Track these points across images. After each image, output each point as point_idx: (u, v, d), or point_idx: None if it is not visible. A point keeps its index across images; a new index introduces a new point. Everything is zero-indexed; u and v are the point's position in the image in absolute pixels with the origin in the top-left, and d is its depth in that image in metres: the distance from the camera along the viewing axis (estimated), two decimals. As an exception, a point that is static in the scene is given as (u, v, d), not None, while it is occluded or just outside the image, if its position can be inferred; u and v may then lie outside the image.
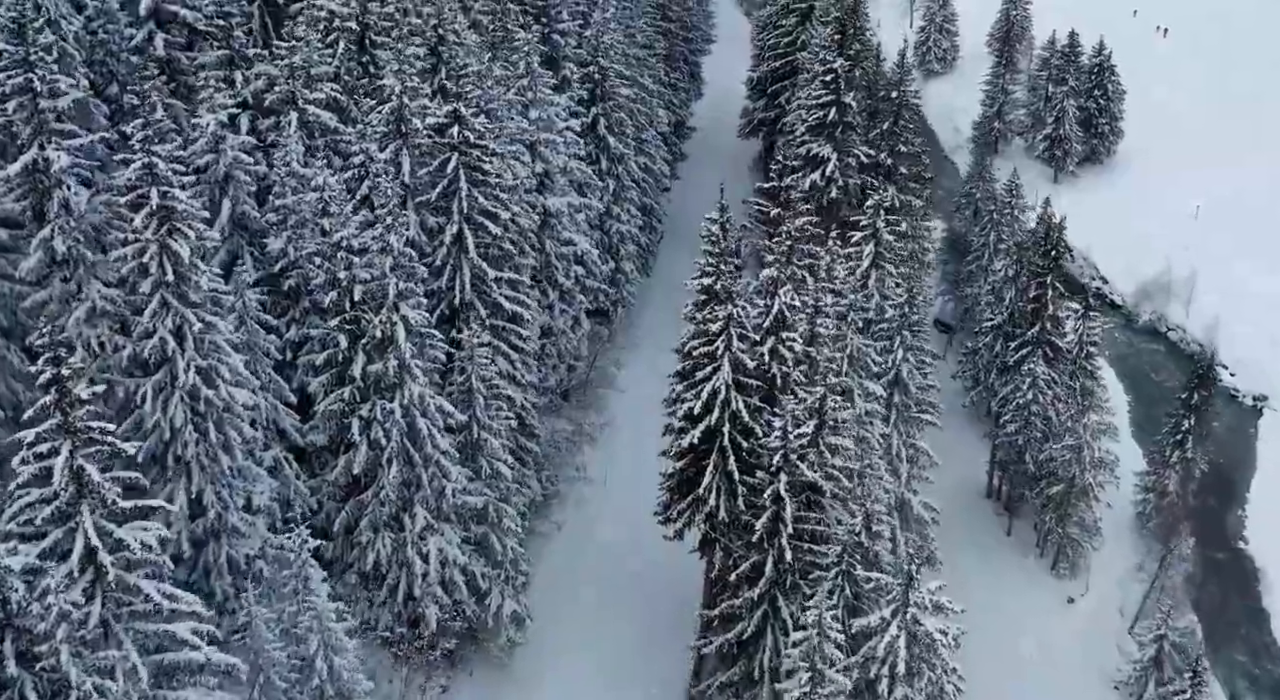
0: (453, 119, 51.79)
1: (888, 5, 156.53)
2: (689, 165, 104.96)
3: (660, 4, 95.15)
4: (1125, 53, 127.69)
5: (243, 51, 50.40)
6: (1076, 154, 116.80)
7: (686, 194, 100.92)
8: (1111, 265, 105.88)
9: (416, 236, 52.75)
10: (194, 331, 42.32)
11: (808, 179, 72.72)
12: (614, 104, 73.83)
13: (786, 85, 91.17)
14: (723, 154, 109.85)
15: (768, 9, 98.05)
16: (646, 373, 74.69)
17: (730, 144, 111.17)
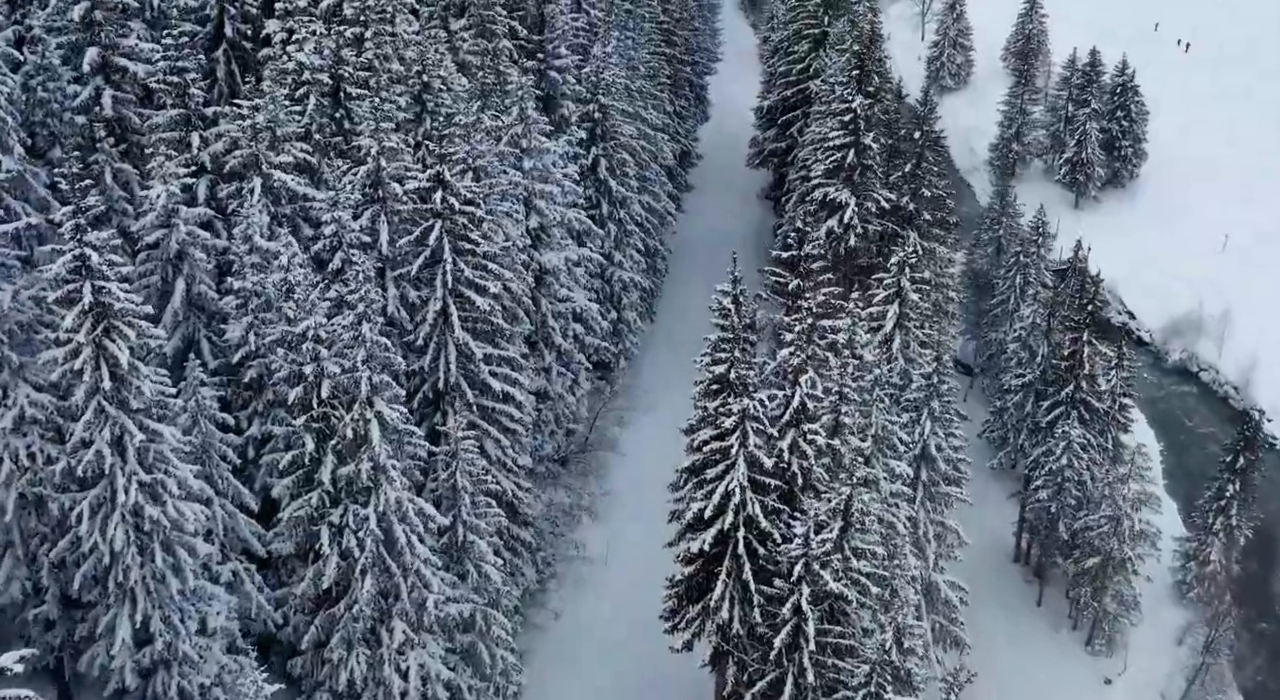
0: (436, 183, 46.18)
1: (898, 18, 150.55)
2: (695, 196, 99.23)
3: (665, 29, 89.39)
4: (1147, 68, 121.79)
5: (200, 110, 44.76)
6: (1099, 178, 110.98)
7: (692, 227, 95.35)
8: (1138, 299, 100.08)
9: (396, 312, 47.20)
10: (136, 443, 36.83)
11: (824, 226, 67.13)
12: (615, 144, 68.23)
13: (798, 115, 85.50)
14: (730, 182, 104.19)
15: (778, 33, 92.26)
16: (652, 431, 69.12)
17: (738, 169, 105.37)
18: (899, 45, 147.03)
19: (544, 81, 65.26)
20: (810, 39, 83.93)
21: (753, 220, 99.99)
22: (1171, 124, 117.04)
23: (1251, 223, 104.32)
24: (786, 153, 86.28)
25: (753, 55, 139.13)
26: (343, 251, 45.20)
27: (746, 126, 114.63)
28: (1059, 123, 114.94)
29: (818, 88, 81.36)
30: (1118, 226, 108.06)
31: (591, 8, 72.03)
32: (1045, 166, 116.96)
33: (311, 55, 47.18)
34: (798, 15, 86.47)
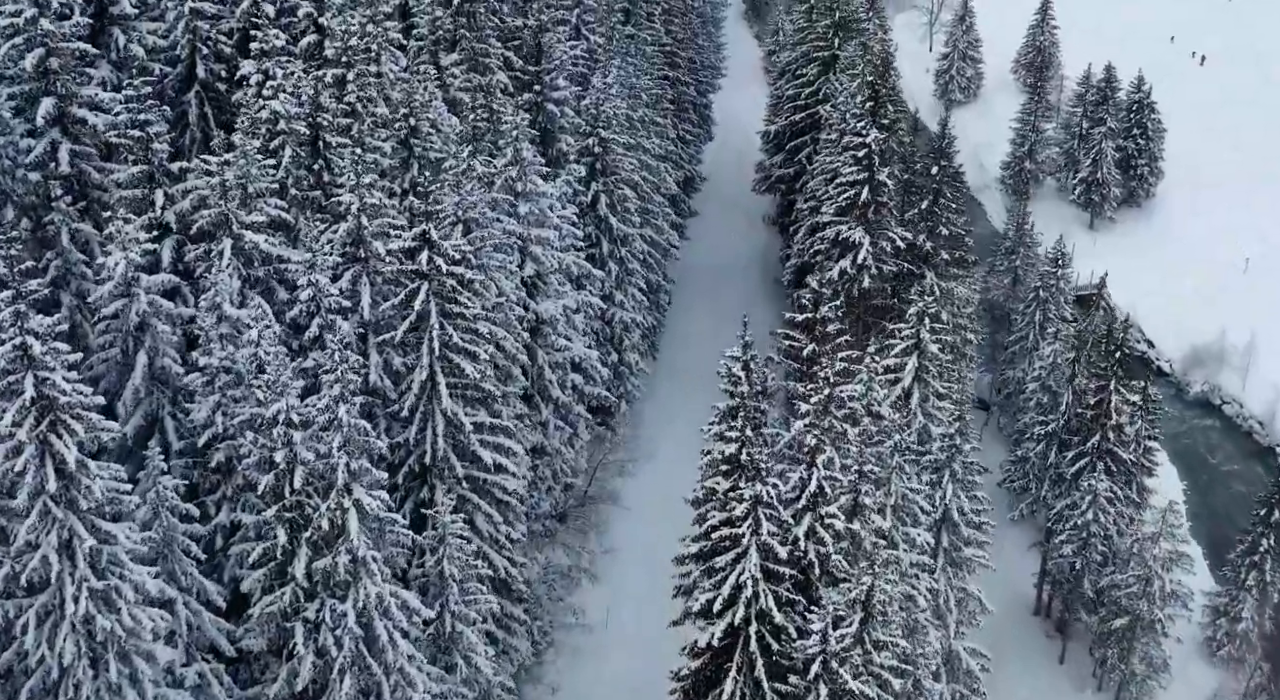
0: (422, 242, 42.38)
1: (904, 28, 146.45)
2: (699, 221, 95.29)
3: (668, 51, 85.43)
4: (1162, 82, 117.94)
5: (164, 165, 40.96)
6: (1114, 197, 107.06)
7: (696, 253, 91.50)
8: (1158, 326, 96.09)
9: (379, 381, 43.44)
10: (86, 548, 33.11)
11: (836, 267, 63.39)
12: (617, 179, 64.39)
13: (807, 140, 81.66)
14: (736, 203, 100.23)
15: (785, 54, 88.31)
16: (655, 481, 65.44)
17: (743, 190, 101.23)
18: (906, 55, 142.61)
19: (541, 115, 61.43)
20: (819, 62, 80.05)
21: (759, 245, 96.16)
22: (1188, 139, 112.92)
23: (1274, 243, 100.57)
24: (794, 179, 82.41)
25: (757, 67, 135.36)
26: (320, 317, 41.49)
27: (751, 143, 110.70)
28: (1073, 140, 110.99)
29: (827, 113, 77.56)
30: (1135, 248, 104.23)
31: (592, 33, 68.21)
32: (1059, 185, 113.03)
33: (287, 103, 43.33)
34: (806, 37, 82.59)
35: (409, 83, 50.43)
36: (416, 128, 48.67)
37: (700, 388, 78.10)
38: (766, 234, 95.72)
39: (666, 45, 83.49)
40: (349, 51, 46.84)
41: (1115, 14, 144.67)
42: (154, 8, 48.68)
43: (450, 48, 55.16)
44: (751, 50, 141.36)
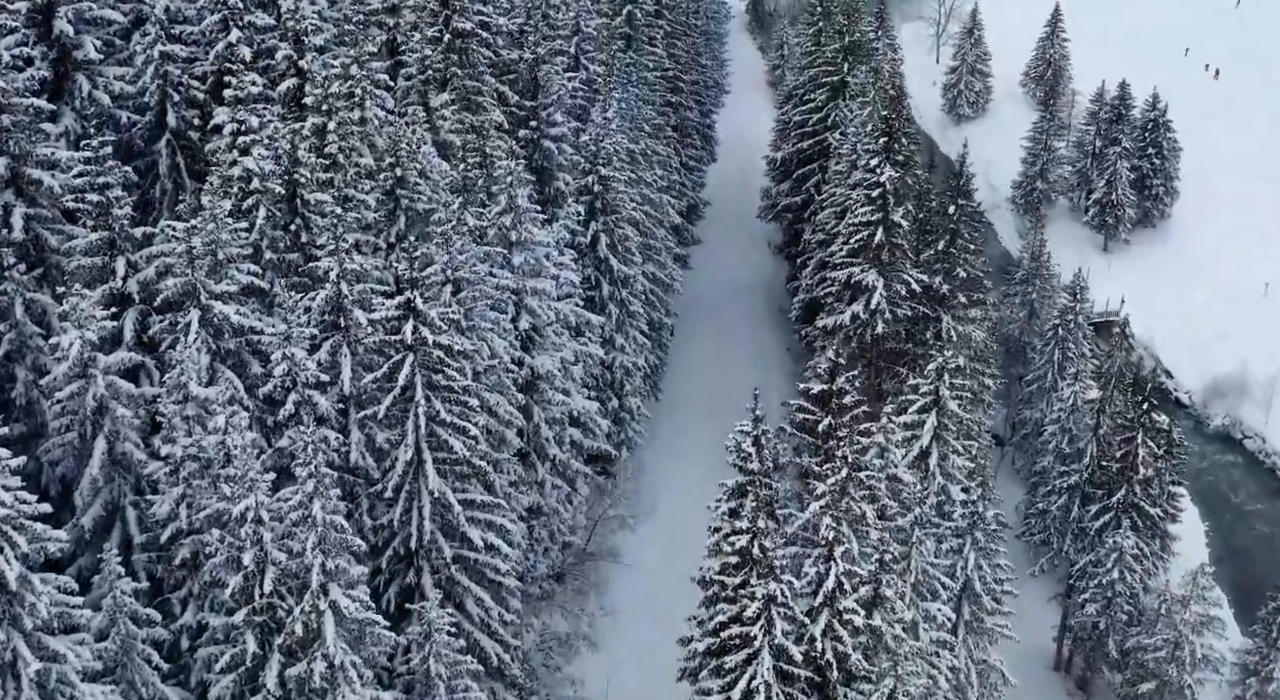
0: (407, 312, 38.99)
1: (911, 40, 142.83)
2: (702, 248, 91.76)
3: (670, 76, 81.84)
4: (1175, 97, 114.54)
5: (127, 231, 37.55)
6: (1129, 219, 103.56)
7: (700, 282, 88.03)
8: (1175, 355, 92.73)
9: (360, 460, 40.08)
10: (31, 671, 29.80)
11: (848, 311, 60.03)
12: (617, 218, 60.98)
13: (815, 169, 78.23)
14: (740, 225, 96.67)
15: (792, 78, 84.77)
16: (658, 534, 62.10)
17: (748, 212, 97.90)
18: (912, 68, 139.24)
19: (538, 152, 58.02)
20: (828, 87, 76.55)
21: (763, 271, 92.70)
22: (1202, 156, 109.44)
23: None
24: (802, 208, 79.02)
25: (760, 79, 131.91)
26: (296, 392, 38.13)
27: (755, 160, 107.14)
28: (1086, 159, 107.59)
29: (837, 142, 74.22)
30: (1151, 272, 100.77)
31: (591, 62, 64.77)
32: (1071, 205, 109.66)
33: (262, 159, 39.92)
34: (814, 61, 79.08)
35: (396, 127, 47.16)
36: (403, 178, 45.31)
37: (704, 424, 74.96)
38: (771, 260, 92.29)
39: (669, 70, 79.99)
40: (329, 99, 43.39)
41: (1119, 19, 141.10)
42: (121, 50, 45.27)
43: (441, 87, 51.74)
44: (755, 62, 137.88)
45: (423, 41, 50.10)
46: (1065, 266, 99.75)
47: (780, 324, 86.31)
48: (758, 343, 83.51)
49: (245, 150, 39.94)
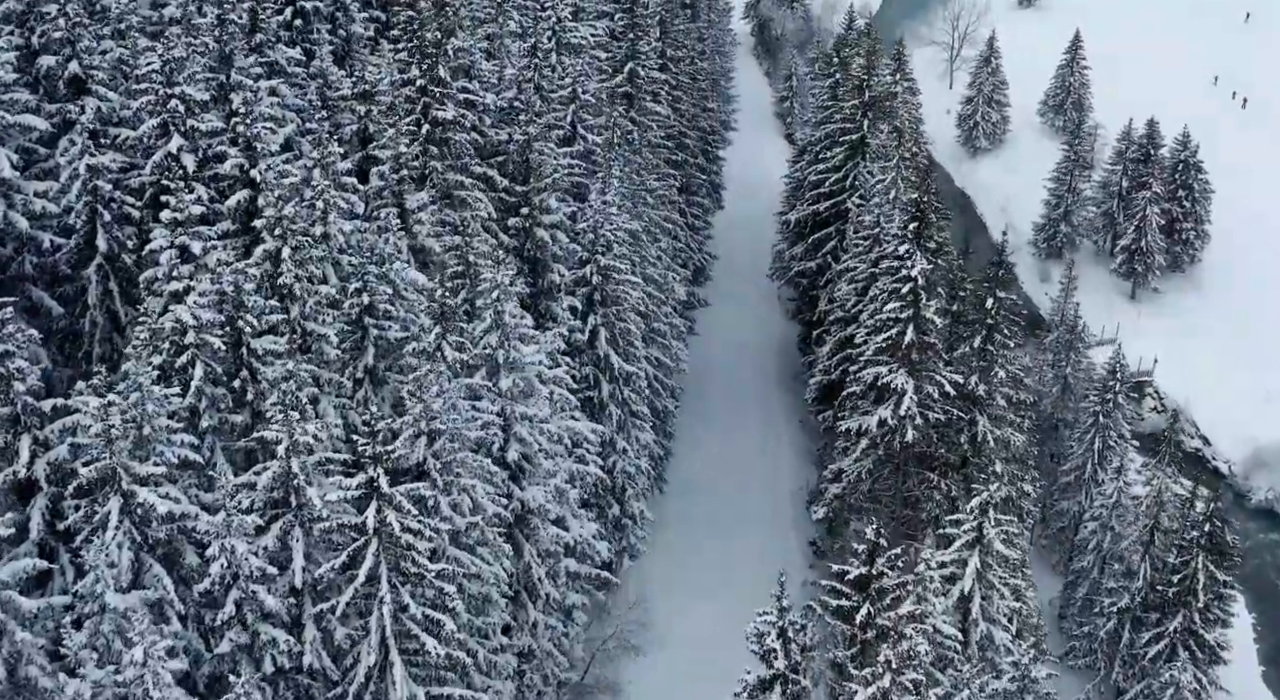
0: (370, 492, 32.59)
1: (924, 65, 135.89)
2: (709, 313, 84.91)
3: (676, 132, 75.10)
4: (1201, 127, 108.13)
5: (33, 406, 31.15)
6: (1159, 266, 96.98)
7: (706, 345, 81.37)
8: (1212, 419, 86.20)
9: (314, 662, 33.69)
10: None
11: (874, 415, 53.58)
12: (619, 309, 54.54)
13: (832, 232, 71.71)
14: (748, 280, 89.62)
15: (805, 132, 78.09)
16: (665, 661, 55.47)
17: (756, 262, 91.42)
18: (925, 94, 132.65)
19: (530, 242, 51.51)
20: (847, 146, 69.91)
21: (774, 331, 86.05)
22: (1231, 191, 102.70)
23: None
24: (818, 273, 72.50)
25: (767, 109, 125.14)
26: (238, 589, 31.80)
27: (764, 203, 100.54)
28: (1112, 200, 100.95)
29: (856, 208, 67.76)
30: (1183, 323, 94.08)
31: (589, 132, 58.23)
32: (1096, 249, 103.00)
33: (200, 306, 33.46)
34: (831, 116, 72.41)
35: (365, 236, 40.75)
36: (372, 305, 38.89)
37: (715, 515, 68.57)
38: (783, 319, 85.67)
39: (674, 127, 73.40)
40: (283, 222, 36.85)
41: (1131, 38, 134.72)
42: (44, 159, 38.82)
43: (418, 184, 45.24)
44: (761, 89, 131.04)
45: (398, 135, 43.52)
46: (1092, 318, 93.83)
47: (792, 389, 79.76)
48: (770, 413, 77.05)
49: (180, 296, 33.45)
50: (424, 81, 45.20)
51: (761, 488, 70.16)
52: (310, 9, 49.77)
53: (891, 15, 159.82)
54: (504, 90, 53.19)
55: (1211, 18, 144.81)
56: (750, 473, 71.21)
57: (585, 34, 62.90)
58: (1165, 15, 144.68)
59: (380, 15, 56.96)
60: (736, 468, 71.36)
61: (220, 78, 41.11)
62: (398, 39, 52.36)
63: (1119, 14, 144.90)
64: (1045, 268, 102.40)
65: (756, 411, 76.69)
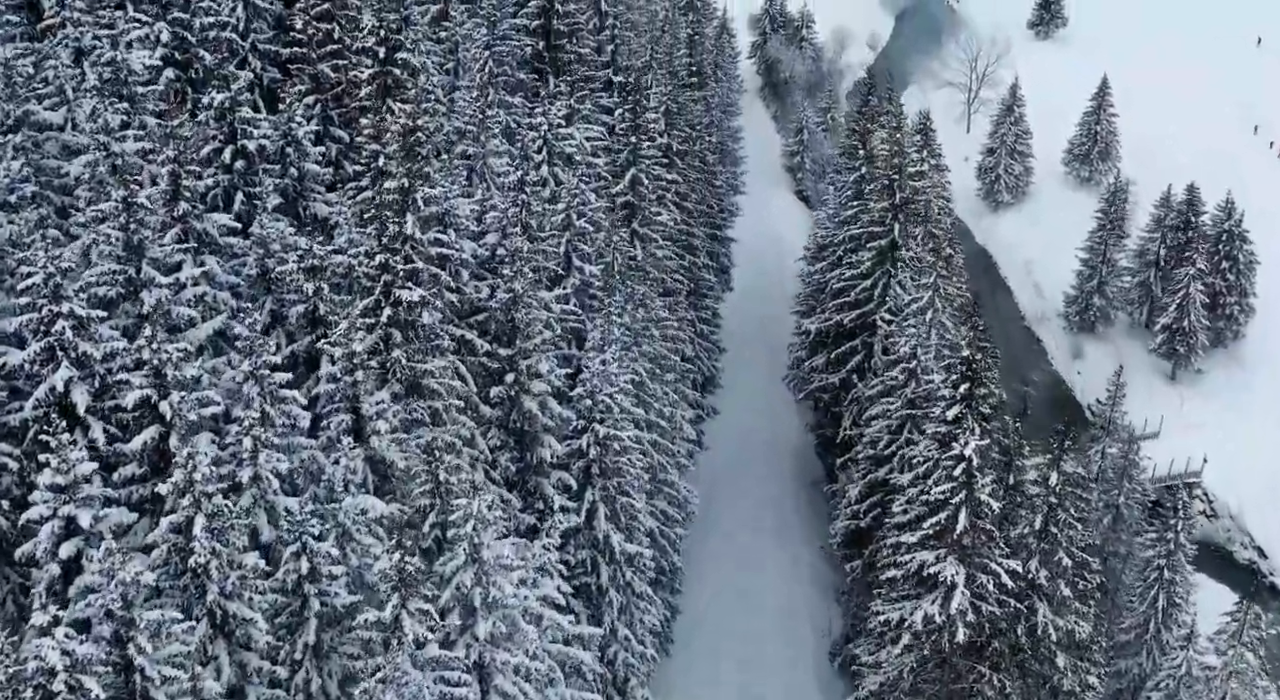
0: None
1: (942, 108, 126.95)
2: (718, 399, 76.53)
3: (684, 232, 66.33)
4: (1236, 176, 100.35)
5: None
6: (1202, 347, 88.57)
7: (714, 449, 73.01)
8: (1265, 524, 78.16)
9: None
10: None
11: (920, 610, 45.31)
12: (620, 482, 46.23)
13: (858, 345, 63.38)
14: (760, 370, 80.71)
15: (827, 231, 69.35)
16: None
17: (770, 349, 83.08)
18: (942, 138, 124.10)
19: (516, 411, 43.16)
20: (875, 252, 61.47)
21: (790, 431, 77.43)
22: (1267, 244, 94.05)
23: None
24: (841, 388, 64.19)
25: (777, 162, 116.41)
26: None
27: (776, 274, 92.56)
28: (1148, 270, 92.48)
29: (886, 326, 59.39)
30: (1229, 411, 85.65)
31: (586, 261, 49.84)
32: (1132, 321, 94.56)
33: (77, 637, 25.10)
34: (857, 216, 63.84)
35: (310, 461, 32.52)
36: (314, 569, 30.62)
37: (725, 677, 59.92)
38: (799, 418, 77.27)
39: (682, 228, 64.95)
40: (194, 488, 28.46)
41: (1151, 69, 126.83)
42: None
43: (379, 380, 36.88)
44: (769, 135, 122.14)
45: (353, 327, 35.07)
46: (1130, 400, 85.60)
47: (811, 502, 71.53)
48: (787, 536, 68.61)
49: (47, 629, 25.09)
50: (385, 256, 36.73)
51: (779, 634, 61.78)
52: (254, 149, 41.30)
53: (902, 46, 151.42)
54: (486, 232, 44.83)
55: (1226, 42, 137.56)
56: (767, 614, 62.76)
57: (580, 140, 54.48)
58: (1182, 41, 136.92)
59: (343, 136, 48.50)
60: (751, 607, 63.02)
61: (128, 271, 32.72)
62: (361, 173, 44.06)
63: (1136, 41, 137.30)
64: (1077, 343, 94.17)
65: (773, 534, 68.28)
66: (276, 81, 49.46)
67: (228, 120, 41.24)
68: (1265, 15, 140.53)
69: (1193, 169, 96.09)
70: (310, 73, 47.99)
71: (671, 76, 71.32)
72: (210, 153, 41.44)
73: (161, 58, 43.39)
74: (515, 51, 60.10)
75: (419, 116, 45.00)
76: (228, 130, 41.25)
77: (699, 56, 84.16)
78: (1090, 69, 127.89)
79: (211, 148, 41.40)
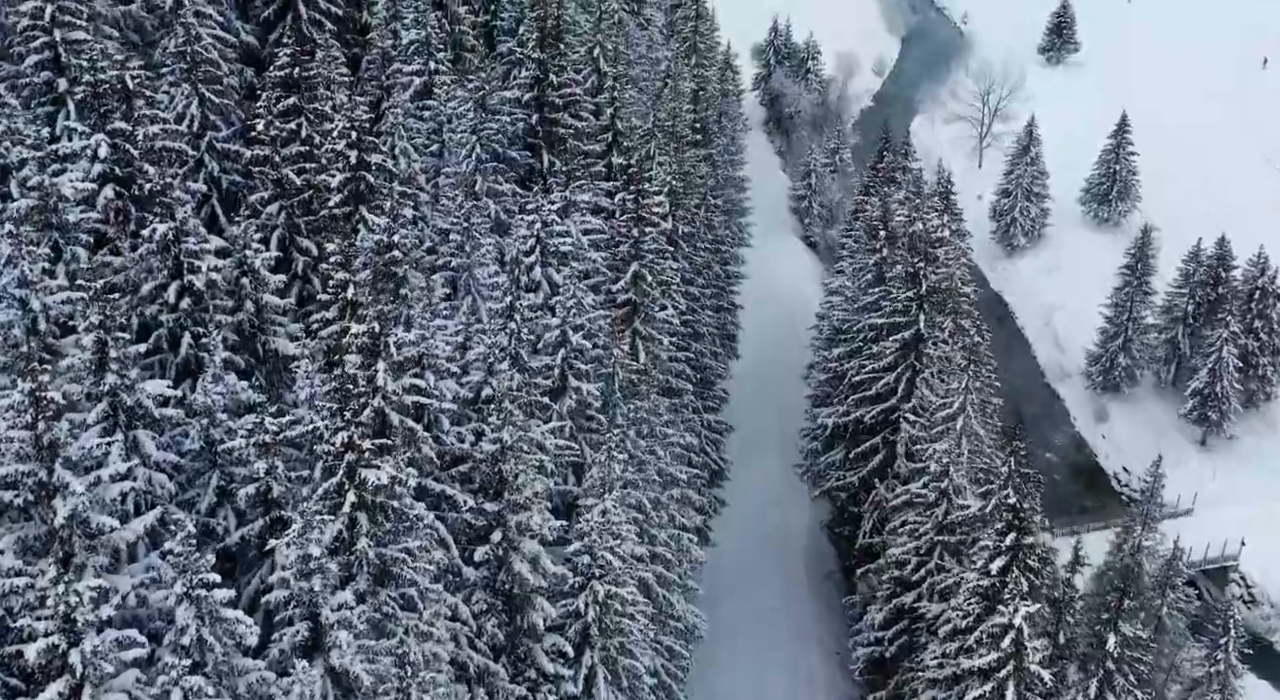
0: None
1: (952, 142, 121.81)
2: (724, 515, 70.44)
3: (688, 322, 60.55)
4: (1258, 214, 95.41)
5: None
6: (1234, 412, 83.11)
7: (720, 545, 67.37)
8: (1309, 612, 72.83)
9: None
10: None
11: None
12: (622, 641, 40.74)
13: (879, 443, 57.93)
14: (770, 448, 75.25)
15: (846, 314, 63.63)
16: None
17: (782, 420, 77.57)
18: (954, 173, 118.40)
19: (505, 572, 37.57)
20: (899, 344, 55.94)
21: (802, 522, 71.77)
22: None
23: None
24: (863, 488, 58.74)
25: (783, 204, 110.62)
26: None
27: (786, 332, 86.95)
28: (1176, 327, 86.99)
29: (911, 424, 53.87)
30: (1266, 481, 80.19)
31: (583, 380, 44.12)
32: (1158, 381, 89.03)
33: None
34: (878, 302, 58.27)
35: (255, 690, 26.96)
36: None
37: None
38: (810, 505, 71.48)
39: (688, 317, 59.36)
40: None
41: (1159, 95, 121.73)
42: None
43: (343, 581, 31.26)
44: (774, 173, 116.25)
45: (309, 525, 29.41)
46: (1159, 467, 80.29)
47: (826, 600, 66.21)
48: (802, 645, 63.16)
49: None
50: (349, 432, 31.11)
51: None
52: (203, 285, 35.71)
53: (909, 70, 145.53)
54: (470, 367, 39.26)
55: (1230, 63, 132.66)
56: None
57: (576, 234, 48.94)
58: (1186, 63, 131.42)
59: (310, 248, 42.88)
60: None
61: (39, 474, 27.14)
62: (329, 301, 38.48)
63: (1148, 65, 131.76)
64: (1101, 404, 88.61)
65: (786, 644, 62.76)
66: (237, 185, 43.86)
67: (172, 253, 35.63)
68: (1272, 33, 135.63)
69: (1207, 204, 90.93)
70: (274, 178, 42.35)
71: (675, 139, 65.60)
72: (153, 289, 35.85)
73: (100, 174, 37.70)
74: (506, 127, 54.53)
75: (395, 233, 39.70)
76: (172, 264, 35.65)
77: (704, 111, 78.31)
78: (1104, 98, 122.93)
79: (155, 284, 35.81)
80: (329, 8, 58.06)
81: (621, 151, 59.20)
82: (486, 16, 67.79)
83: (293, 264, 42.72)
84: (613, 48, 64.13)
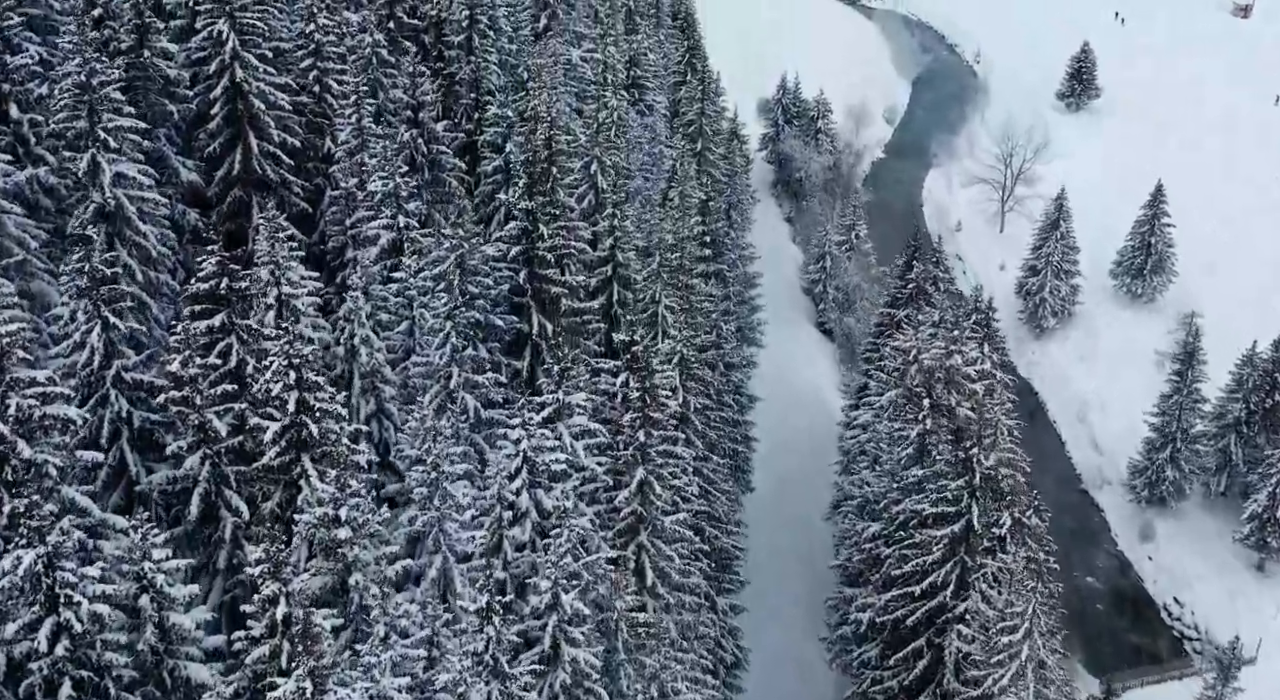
0: None
1: (971, 205, 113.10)
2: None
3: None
4: None
5: None
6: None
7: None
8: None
9: None
10: None
11: None
12: None
13: (923, 648, 49.37)
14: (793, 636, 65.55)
15: (887, 501, 54.32)
16: None
17: (802, 559, 69.26)
18: (973, 236, 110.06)
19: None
20: (948, 539, 47.30)
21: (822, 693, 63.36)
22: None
23: None
24: (907, 695, 50.19)
25: (794, 282, 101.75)
26: None
27: (806, 449, 78.26)
28: (1228, 434, 78.45)
29: (964, 645, 45.37)
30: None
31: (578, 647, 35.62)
32: (1207, 493, 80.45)
33: None
34: (922, 485, 49.73)
35: None
36: None
37: None
38: (836, 682, 62.66)
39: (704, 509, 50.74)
40: None
41: (1180, 138, 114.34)
42: None
43: None
44: (783, 243, 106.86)
45: None
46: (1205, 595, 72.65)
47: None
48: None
49: None
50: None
51: None
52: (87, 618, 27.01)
53: (922, 118, 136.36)
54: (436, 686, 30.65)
55: (1241, 95, 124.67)
56: None
57: (568, 441, 40.31)
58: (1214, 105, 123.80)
59: (242, 509, 34.19)
60: None
61: None
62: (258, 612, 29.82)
63: (1164, 110, 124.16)
64: (1146, 520, 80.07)
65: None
66: (154, 425, 35.16)
67: (45, 584, 26.98)
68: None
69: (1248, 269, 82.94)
70: (196, 422, 33.69)
71: (682, 272, 56.88)
72: (20, 630, 27.20)
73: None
74: (488, 291, 45.95)
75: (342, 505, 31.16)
76: (45, 598, 27.01)
77: (713, 224, 69.53)
78: (1132, 155, 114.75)
79: (23, 623, 27.17)
80: (284, 138, 49.55)
81: (622, 304, 50.64)
82: (470, 125, 59.18)
83: (220, 525, 34.08)
84: (612, 165, 55.60)
